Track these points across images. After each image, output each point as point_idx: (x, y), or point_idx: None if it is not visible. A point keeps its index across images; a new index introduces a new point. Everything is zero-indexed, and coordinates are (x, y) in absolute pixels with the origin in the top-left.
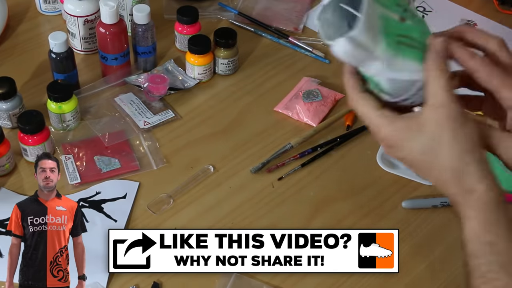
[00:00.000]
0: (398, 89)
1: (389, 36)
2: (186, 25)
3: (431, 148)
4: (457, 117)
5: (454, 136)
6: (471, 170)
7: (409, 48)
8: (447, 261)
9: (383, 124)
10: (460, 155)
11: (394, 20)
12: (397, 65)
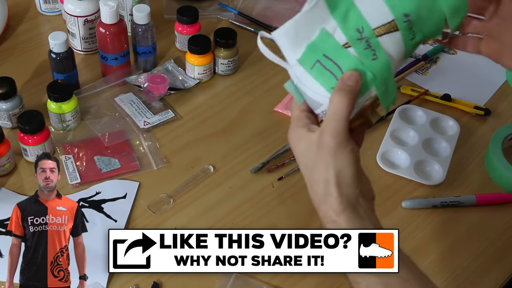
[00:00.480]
0: (310, 102)
1: (312, 52)
2: (186, 25)
3: (310, 166)
4: (332, 149)
5: (324, 165)
6: (331, 201)
7: (323, 72)
8: (447, 261)
9: (291, 124)
10: (325, 184)
11: (333, 41)
12: (307, 82)
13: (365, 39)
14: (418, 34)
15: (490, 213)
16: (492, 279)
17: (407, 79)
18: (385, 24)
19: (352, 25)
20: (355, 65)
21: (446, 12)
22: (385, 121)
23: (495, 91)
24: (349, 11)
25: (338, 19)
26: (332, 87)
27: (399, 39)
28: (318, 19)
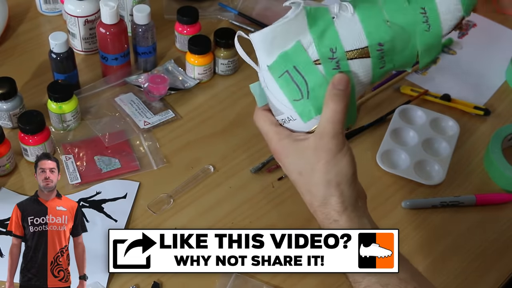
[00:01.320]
0: (272, 108)
1: (283, 62)
2: (186, 25)
3: (306, 172)
4: (331, 151)
5: (325, 167)
6: (332, 202)
7: (289, 83)
8: (447, 261)
9: (273, 139)
10: (326, 185)
11: (305, 55)
12: (272, 89)
13: (335, 60)
14: (388, 64)
15: (490, 213)
16: (492, 279)
17: (407, 79)
18: (358, 49)
19: (326, 44)
20: (320, 83)
21: (419, 48)
22: (385, 121)
23: (495, 91)
24: (327, 29)
25: (315, 35)
26: (295, 99)
27: (369, 66)
28: (296, 31)
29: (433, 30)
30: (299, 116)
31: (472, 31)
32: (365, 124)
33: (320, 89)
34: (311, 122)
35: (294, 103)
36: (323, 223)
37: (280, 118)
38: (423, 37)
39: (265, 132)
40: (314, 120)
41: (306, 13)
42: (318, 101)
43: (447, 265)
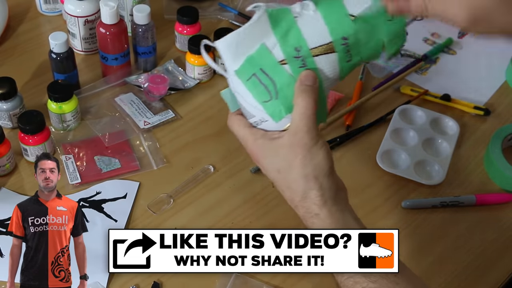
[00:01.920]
0: (244, 112)
1: (250, 65)
2: (186, 25)
3: (284, 169)
4: (307, 145)
5: (302, 162)
6: (312, 195)
7: (258, 86)
8: (447, 260)
9: (248, 140)
10: (305, 180)
11: (271, 57)
12: (242, 92)
13: (301, 58)
14: (355, 57)
15: (490, 213)
16: (492, 279)
17: (407, 79)
18: (322, 45)
19: (291, 43)
20: (288, 82)
21: (384, 38)
22: (385, 121)
23: (495, 91)
24: (290, 29)
25: (278, 36)
26: (264, 101)
27: (335, 61)
28: (259, 33)
29: (396, 18)
30: (270, 117)
31: None
32: (365, 124)
33: (288, 88)
34: (283, 121)
35: (264, 104)
36: (305, 217)
37: (252, 121)
38: (387, 26)
39: (240, 136)
40: (286, 119)
41: (268, 16)
42: (288, 100)
43: (447, 265)
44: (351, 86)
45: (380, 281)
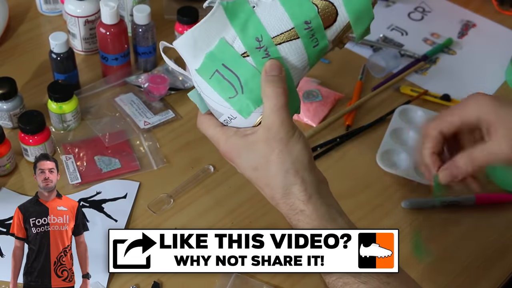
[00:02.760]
0: (212, 111)
1: (211, 62)
2: (187, 26)
3: (261, 166)
4: (283, 139)
5: (279, 156)
6: (295, 191)
7: (221, 82)
8: (447, 260)
9: (220, 140)
10: (285, 175)
11: (232, 51)
12: (206, 91)
13: (263, 48)
14: (322, 41)
15: (490, 213)
16: (492, 279)
17: (407, 79)
18: (284, 32)
19: (251, 34)
20: (252, 74)
21: (349, 18)
22: (385, 121)
23: (495, 91)
24: (249, 19)
25: (237, 28)
26: (230, 97)
27: (300, 47)
28: (217, 28)
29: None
30: (238, 113)
31: (472, 31)
32: (365, 124)
33: (253, 81)
34: (252, 117)
35: (230, 100)
36: (288, 215)
37: (222, 120)
38: (350, 5)
39: (210, 135)
40: (255, 114)
41: (224, 9)
42: (254, 93)
43: (447, 265)
44: (351, 86)
45: (371, 281)
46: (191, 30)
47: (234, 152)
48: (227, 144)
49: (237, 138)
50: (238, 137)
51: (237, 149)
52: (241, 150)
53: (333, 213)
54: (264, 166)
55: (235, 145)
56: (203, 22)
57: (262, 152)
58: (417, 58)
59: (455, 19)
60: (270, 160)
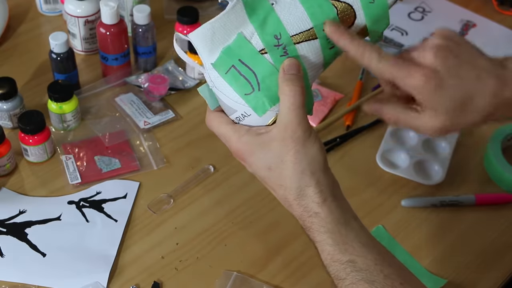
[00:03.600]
0: (224, 108)
1: (228, 57)
2: (187, 26)
3: (276, 165)
4: (300, 139)
5: (296, 156)
6: (310, 193)
7: (238, 78)
8: (447, 260)
9: (232, 138)
10: (300, 176)
11: (250, 47)
12: (221, 87)
13: (282, 46)
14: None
15: (490, 213)
16: (491, 279)
17: None
18: (303, 32)
19: (269, 31)
20: (270, 72)
21: (367, 22)
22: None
23: None
24: (268, 16)
25: (256, 24)
26: (246, 94)
27: (318, 48)
28: (235, 23)
29: (378, 0)
30: (253, 110)
31: (471, 31)
32: (365, 124)
33: (270, 78)
34: (267, 115)
35: (246, 97)
36: (302, 217)
37: (234, 117)
38: (369, 9)
39: (221, 133)
40: (270, 112)
41: (243, 3)
42: (271, 91)
43: (447, 265)
44: (351, 86)
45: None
46: (209, 22)
47: (247, 151)
48: (239, 143)
49: (250, 137)
50: (251, 136)
51: (251, 147)
52: (255, 148)
53: (348, 216)
54: (279, 165)
55: (248, 144)
56: (222, 15)
57: (277, 152)
58: None
59: (455, 19)
60: (285, 160)
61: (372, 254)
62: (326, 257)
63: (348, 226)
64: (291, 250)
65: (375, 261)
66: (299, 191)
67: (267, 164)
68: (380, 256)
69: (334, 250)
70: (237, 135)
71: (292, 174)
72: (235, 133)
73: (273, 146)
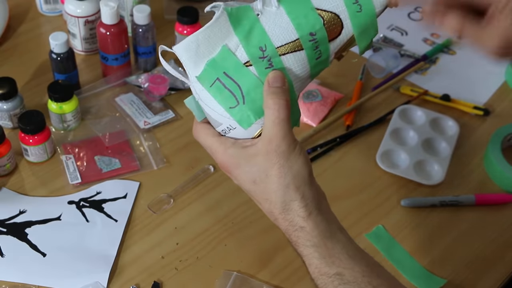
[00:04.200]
0: (210, 120)
1: (212, 69)
2: (187, 26)
3: (261, 179)
4: (285, 153)
5: (280, 171)
6: (295, 207)
7: (222, 91)
8: (446, 260)
9: (218, 150)
10: (285, 190)
11: (234, 59)
12: (206, 100)
13: (267, 58)
14: (325, 53)
15: (489, 213)
16: (491, 279)
17: (407, 79)
18: (289, 43)
19: (254, 43)
20: (255, 85)
21: (354, 32)
22: (385, 121)
23: (494, 91)
24: (253, 28)
25: (240, 36)
26: (230, 107)
27: (304, 59)
28: (220, 35)
29: (365, 9)
30: (238, 124)
31: None
32: (365, 124)
33: (255, 91)
34: (252, 128)
35: (231, 110)
36: (288, 231)
37: (220, 129)
38: (356, 18)
39: (208, 145)
40: (256, 125)
41: (228, 15)
42: (256, 104)
43: (447, 265)
44: (351, 86)
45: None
46: (193, 35)
47: (233, 164)
48: (225, 155)
49: (235, 149)
50: (236, 148)
51: (236, 160)
52: (240, 162)
53: (334, 229)
54: (264, 180)
55: (234, 157)
56: (206, 28)
57: (262, 166)
58: (417, 58)
59: None
60: (270, 175)
61: (359, 266)
62: (313, 271)
63: (334, 239)
64: (291, 250)
65: (362, 273)
66: (284, 206)
67: (252, 177)
68: (368, 268)
69: (321, 264)
70: (223, 148)
71: (277, 189)
72: (221, 145)
73: (258, 160)
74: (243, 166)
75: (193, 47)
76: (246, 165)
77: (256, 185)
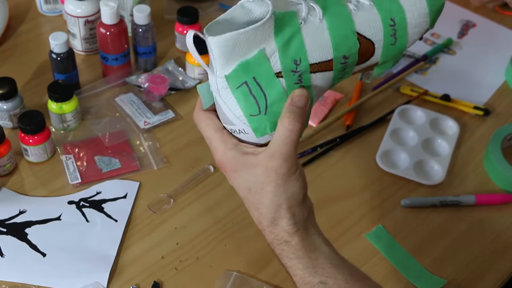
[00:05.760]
0: (221, 116)
1: (243, 71)
2: (187, 26)
3: (256, 190)
4: (284, 175)
5: (276, 189)
6: (283, 224)
7: (247, 96)
8: (446, 260)
9: (218, 149)
10: (277, 208)
11: (267, 66)
12: (226, 99)
13: (299, 73)
14: (347, 75)
15: (489, 213)
16: (491, 279)
17: (407, 79)
18: (323, 62)
19: (291, 54)
20: (280, 98)
21: (380, 60)
22: (385, 121)
23: (494, 91)
24: (293, 38)
25: (279, 43)
26: (251, 115)
27: (330, 78)
28: (260, 38)
29: (399, 43)
30: (252, 131)
31: (471, 31)
32: (365, 124)
33: (278, 104)
34: (264, 138)
35: (250, 118)
36: (273, 243)
37: (229, 128)
38: (388, 50)
39: (208, 137)
40: (268, 136)
41: (275, 19)
42: (276, 117)
43: (447, 265)
44: (351, 86)
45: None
46: (235, 33)
47: (231, 166)
48: (225, 156)
49: (236, 153)
50: (237, 152)
51: (235, 164)
52: (239, 167)
53: (318, 242)
54: (259, 191)
55: (233, 160)
56: (251, 29)
57: (260, 178)
58: (417, 58)
59: (455, 19)
60: (265, 189)
61: (342, 275)
62: (298, 280)
63: (318, 251)
64: None
65: (345, 281)
66: (273, 220)
67: (248, 186)
68: (352, 276)
69: (305, 274)
70: (223, 148)
71: (269, 205)
72: (222, 144)
73: (256, 171)
74: (240, 171)
75: (230, 44)
76: (244, 172)
77: (250, 194)
